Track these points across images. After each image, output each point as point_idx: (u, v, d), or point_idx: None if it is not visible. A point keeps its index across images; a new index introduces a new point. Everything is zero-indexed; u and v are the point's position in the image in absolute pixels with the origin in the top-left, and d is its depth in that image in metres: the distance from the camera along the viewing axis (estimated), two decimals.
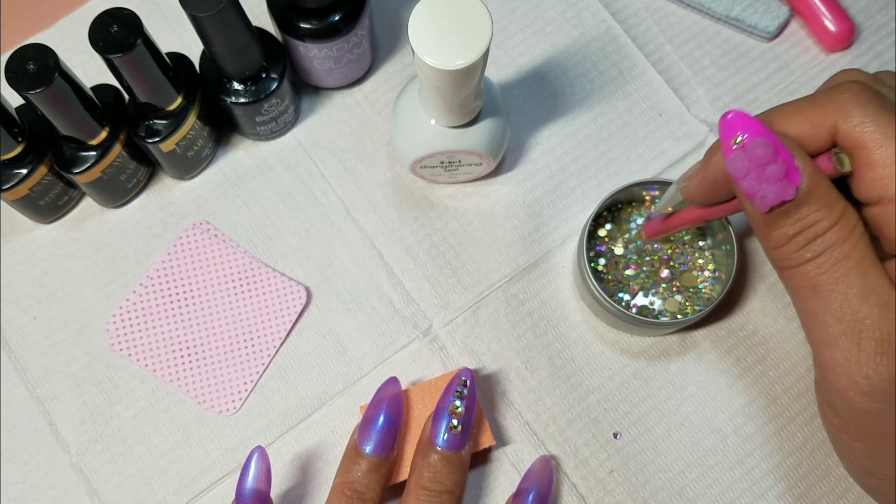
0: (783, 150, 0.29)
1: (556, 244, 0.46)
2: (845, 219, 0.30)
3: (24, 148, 0.41)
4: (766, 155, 0.29)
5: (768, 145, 0.29)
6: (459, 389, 0.39)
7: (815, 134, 0.30)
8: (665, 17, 0.50)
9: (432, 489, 0.38)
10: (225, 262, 0.46)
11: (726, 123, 0.30)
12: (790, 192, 0.29)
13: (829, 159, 0.31)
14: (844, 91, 0.30)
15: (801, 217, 0.30)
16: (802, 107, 0.31)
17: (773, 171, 0.29)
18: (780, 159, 0.29)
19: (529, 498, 0.40)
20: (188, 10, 0.37)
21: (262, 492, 0.38)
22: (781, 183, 0.29)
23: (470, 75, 0.35)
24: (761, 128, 0.29)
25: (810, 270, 0.30)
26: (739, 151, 0.29)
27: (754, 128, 0.29)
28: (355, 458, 0.39)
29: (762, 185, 0.29)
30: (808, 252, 0.30)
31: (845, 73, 0.34)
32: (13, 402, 0.44)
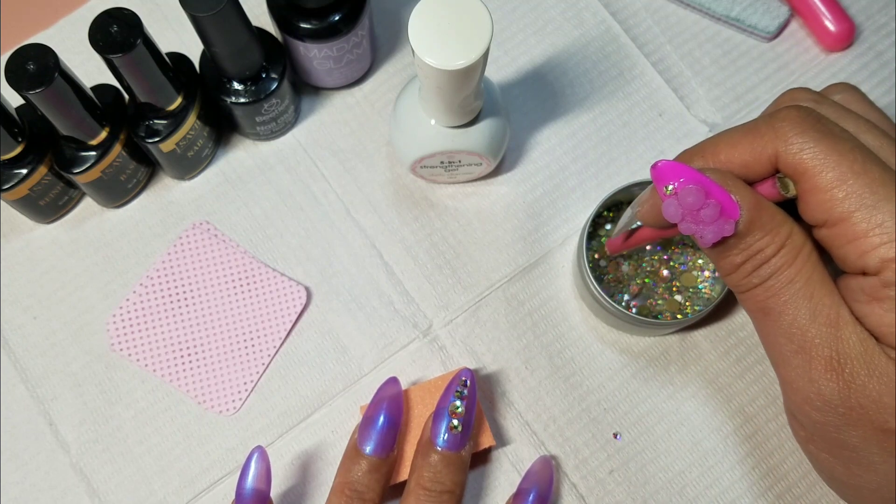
0: (717, 189, 0.30)
1: (556, 244, 0.46)
2: (790, 243, 0.31)
3: (24, 148, 0.41)
4: (696, 201, 0.29)
5: (698, 192, 0.29)
6: (459, 389, 0.39)
7: (758, 161, 0.31)
8: (665, 17, 0.50)
9: (433, 489, 0.38)
10: (225, 262, 0.46)
11: (657, 173, 0.30)
12: (728, 229, 0.30)
13: (773, 185, 0.31)
14: (783, 118, 0.31)
15: (745, 246, 0.31)
16: (743, 135, 0.31)
17: (707, 214, 0.30)
18: (714, 200, 0.30)
19: (530, 498, 0.40)
20: (188, 10, 0.37)
21: (261, 492, 0.38)
22: (718, 222, 0.30)
23: (470, 75, 0.35)
24: (691, 173, 0.30)
25: (759, 294, 0.31)
26: (672, 199, 0.30)
27: (684, 174, 0.30)
28: (355, 458, 0.39)
29: (699, 226, 0.30)
30: (756, 278, 0.31)
31: (790, 95, 0.34)
32: (13, 402, 0.44)
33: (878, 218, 0.29)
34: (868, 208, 0.29)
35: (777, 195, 0.31)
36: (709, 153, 0.32)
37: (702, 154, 0.32)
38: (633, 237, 0.40)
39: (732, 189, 0.30)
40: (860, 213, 0.29)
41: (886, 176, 0.29)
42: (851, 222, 0.29)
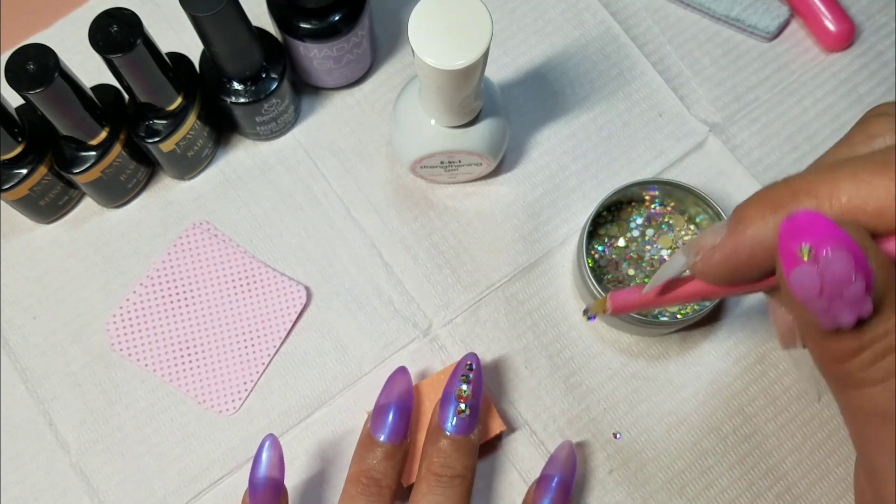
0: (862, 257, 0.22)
1: (556, 244, 0.46)
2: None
3: (24, 148, 0.41)
4: (846, 275, 0.22)
5: (848, 261, 0.22)
6: (465, 374, 0.39)
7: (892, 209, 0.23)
8: (665, 17, 0.50)
9: (443, 474, 0.38)
10: (225, 262, 0.46)
11: (792, 226, 0.23)
12: (867, 309, 0.23)
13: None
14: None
15: (871, 328, 0.23)
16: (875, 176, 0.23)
17: (853, 292, 0.22)
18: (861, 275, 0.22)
19: (552, 484, 0.40)
20: (188, 10, 0.37)
21: (275, 479, 0.38)
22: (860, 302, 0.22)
23: (470, 75, 0.35)
24: (839, 233, 0.22)
25: (879, 395, 0.24)
26: (811, 267, 0.22)
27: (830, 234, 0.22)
28: (370, 447, 0.39)
29: (836, 306, 0.23)
30: (878, 371, 0.24)
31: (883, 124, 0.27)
32: (13, 402, 0.44)
33: None
34: None
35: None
36: (826, 192, 0.24)
37: (814, 193, 0.24)
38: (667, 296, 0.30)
39: (870, 251, 0.23)
40: None
41: None
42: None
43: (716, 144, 0.48)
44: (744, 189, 0.47)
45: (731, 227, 0.26)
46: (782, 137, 0.48)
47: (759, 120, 0.48)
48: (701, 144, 0.48)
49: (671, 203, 0.45)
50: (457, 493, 0.38)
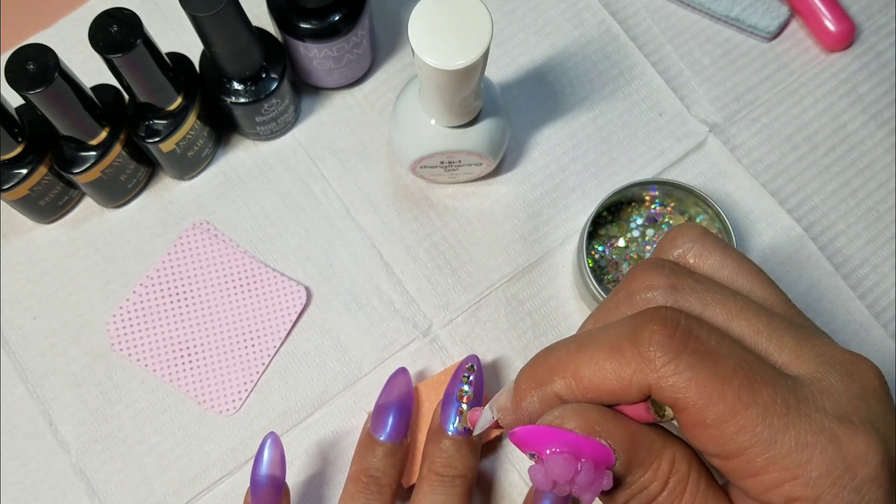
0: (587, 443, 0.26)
1: (556, 244, 0.46)
2: (675, 475, 0.27)
3: (24, 148, 0.41)
4: (566, 471, 0.26)
5: (567, 461, 0.26)
6: (466, 374, 0.39)
7: (626, 391, 0.26)
8: (665, 17, 0.50)
9: (445, 474, 0.38)
10: (225, 262, 0.46)
11: (517, 440, 0.27)
12: (607, 483, 0.26)
13: (647, 409, 0.27)
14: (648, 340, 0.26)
15: (627, 486, 0.27)
16: (607, 357, 0.27)
17: (582, 479, 0.26)
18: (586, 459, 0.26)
19: None
20: (188, 10, 0.37)
21: (276, 478, 0.38)
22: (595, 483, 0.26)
23: (470, 75, 0.35)
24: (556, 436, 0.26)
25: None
26: (539, 466, 0.26)
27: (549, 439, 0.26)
28: (370, 446, 0.39)
29: (574, 489, 0.26)
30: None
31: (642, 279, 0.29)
32: (13, 402, 0.44)
33: (777, 452, 0.25)
34: (764, 443, 0.25)
35: (652, 419, 0.27)
36: (570, 373, 0.27)
37: (563, 374, 0.28)
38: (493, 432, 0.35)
39: (602, 434, 0.26)
40: (756, 448, 0.25)
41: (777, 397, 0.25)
42: (748, 458, 0.25)
43: (716, 144, 0.48)
44: (744, 189, 0.47)
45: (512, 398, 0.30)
46: (782, 137, 0.48)
47: (759, 120, 0.48)
48: (701, 144, 0.48)
49: (671, 203, 0.45)
50: (458, 493, 0.38)
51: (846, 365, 0.26)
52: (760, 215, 0.47)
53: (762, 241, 0.46)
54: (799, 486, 0.25)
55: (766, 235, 0.46)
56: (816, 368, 0.26)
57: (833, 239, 0.47)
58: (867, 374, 0.26)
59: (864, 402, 0.26)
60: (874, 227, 0.47)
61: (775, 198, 0.47)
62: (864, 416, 0.25)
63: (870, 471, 0.25)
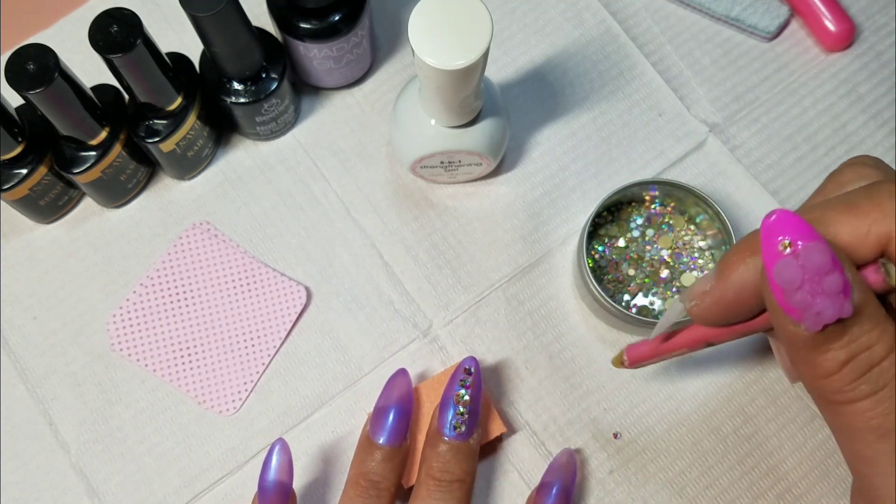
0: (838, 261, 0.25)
1: (556, 244, 0.46)
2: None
3: (24, 148, 0.41)
4: (824, 263, 0.24)
5: (826, 252, 0.24)
6: (463, 378, 0.39)
7: (861, 244, 0.26)
8: (665, 17, 0.50)
9: (442, 479, 0.38)
10: (225, 262, 0.46)
11: (770, 225, 0.25)
12: (848, 309, 0.24)
13: (878, 270, 0.26)
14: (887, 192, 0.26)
15: (852, 339, 0.25)
16: (843, 212, 0.26)
17: (832, 283, 0.24)
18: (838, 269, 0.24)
19: (553, 492, 0.40)
20: (188, 10, 0.37)
21: (284, 483, 0.38)
22: (839, 297, 0.24)
23: (470, 75, 0.35)
24: (812, 230, 0.25)
25: (869, 409, 0.25)
26: (791, 258, 0.24)
27: (805, 230, 0.25)
28: (369, 449, 0.39)
29: (816, 298, 0.24)
30: (866, 384, 0.25)
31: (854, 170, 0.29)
32: (13, 402, 0.44)
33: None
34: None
35: (881, 283, 0.26)
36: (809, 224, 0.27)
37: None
38: (672, 342, 0.33)
39: (847, 265, 0.25)
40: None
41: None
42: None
43: (716, 144, 0.48)
44: (744, 189, 0.47)
45: (717, 273, 0.28)
46: (782, 137, 0.48)
47: (759, 120, 0.48)
48: (701, 144, 0.48)
49: (671, 203, 0.45)
50: (456, 498, 0.38)
51: None
52: (760, 215, 0.47)
53: None
54: None
55: None
56: None
57: None
58: None
59: None
60: None
61: (775, 198, 0.47)
62: None
63: None
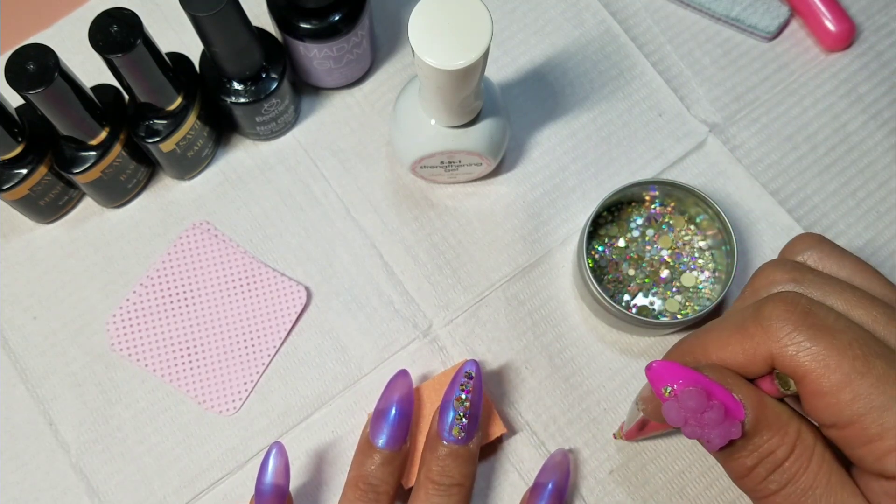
0: (719, 390, 0.28)
1: (556, 244, 0.46)
2: (801, 443, 0.29)
3: (24, 148, 0.41)
4: (699, 404, 0.28)
5: (699, 394, 0.28)
6: (464, 382, 0.39)
7: (752, 362, 0.29)
8: (665, 17, 0.50)
9: (441, 483, 0.38)
10: (225, 262, 0.46)
11: (653, 375, 0.29)
12: (735, 431, 0.28)
13: (772, 382, 0.30)
14: (772, 315, 0.29)
15: (754, 447, 0.29)
16: (731, 335, 0.30)
17: (712, 417, 0.28)
18: (717, 401, 0.28)
19: (546, 492, 0.40)
20: (188, 10, 0.37)
21: (280, 487, 0.38)
22: (724, 425, 0.28)
23: (470, 75, 0.35)
24: (689, 374, 0.28)
25: (780, 502, 0.29)
26: (672, 402, 0.28)
27: (681, 375, 0.28)
28: (368, 452, 0.39)
29: (704, 429, 0.28)
30: (773, 484, 0.29)
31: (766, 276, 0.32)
32: (13, 402, 0.44)
33: (890, 419, 0.27)
34: (878, 410, 0.27)
35: (777, 392, 0.30)
36: (699, 353, 0.31)
37: (692, 354, 0.31)
38: (649, 426, 0.39)
39: (733, 388, 0.29)
40: (871, 415, 0.27)
41: (891, 368, 0.27)
42: (863, 425, 0.27)
43: (716, 144, 0.48)
44: (744, 189, 0.47)
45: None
46: (782, 137, 0.48)
47: (759, 120, 0.48)
48: (701, 144, 0.48)
49: (671, 203, 0.45)
50: (455, 502, 0.38)
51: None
52: (760, 215, 0.47)
53: (762, 241, 0.46)
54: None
55: (766, 235, 0.46)
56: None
57: (833, 239, 0.47)
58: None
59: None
60: (874, 227, 0.47)
61: (775, 198, 0.47)
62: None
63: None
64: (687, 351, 0.31)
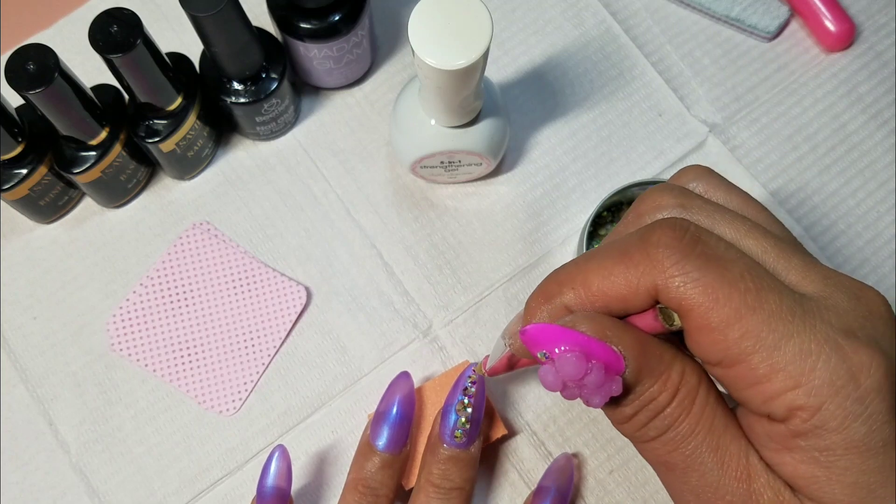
0: (598, 346, 0.26)
1: (556, 244, 0.46)
2: (685, 386, 0.27)
3: (24, 148, 0.41)
4: (577, 370, 0.26)
5: (578, 359, 0.26)
6: (467, 387, 0.39)
7: (634, 294, 0.27)
8: (665, 17, 0.50)
9: (442, 486, 0.38)
10: (225, 262, 0.46)
11: (527, 339, 0.27)
12: (616, 389, 0.26)
13: (655, 317, 0.27)
14: (658, 242, 0.26)
15: (636, 397, 0.27)
16: (615, 264, 0.27)
17: (592, 380, 0.26)
18: (596, 362, 0.26)
19: (549, 496, 0.40)
20: (188, 10, 0.37)
21: (282, 489, 0.38)
22: (604, 386, 0.26)
23: (470, 75, 0.35)
24: (567, 336, 0.26)
25: (658, 448, 0.28)
26: (549, 366, 0.26)
27: (560, 339, 0.26)
28: (368, 455, 0.39)
29: (583, 391, 0.26)
30: (652, 430, 0.27)
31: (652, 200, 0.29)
32: (13, 402, 0.44)
33: (780, 359, 0.25)
34: (768, 349, 0.25)
35: (661, 329, 0.27)
36: (579, 282, 0.28)
37: (572, 284, 0.28)
38: (519, 363, 0.36)
39: (613, 339, 0.26)
40: (759, 354, 0.25)
41: (783, 304, 0.25)
42: (750, 365, 0.25)
43: (716, 144, 0.48)
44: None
45: (524, 316, 0.30)
46: (782, 137, 0.48)
47: (759, 120, 0.48)
48: (701, 144, 0.48)
49: None
50: None
51: (853, 289, 0.26)
52: None
53: None
54: (801, 395, 0.25)
55: None
56: (824, 288, 0.26)
57: (833, 239, 0.47)
58: (874, 299, 0.27)
59: (869, 322, 0.26)
60: (874, 227, 0.47)
61: (775, 198, 0.47)
62: (869, 334, 0.25)
63: (873, 382, 0.25)
64: (566, 280, 0.28)
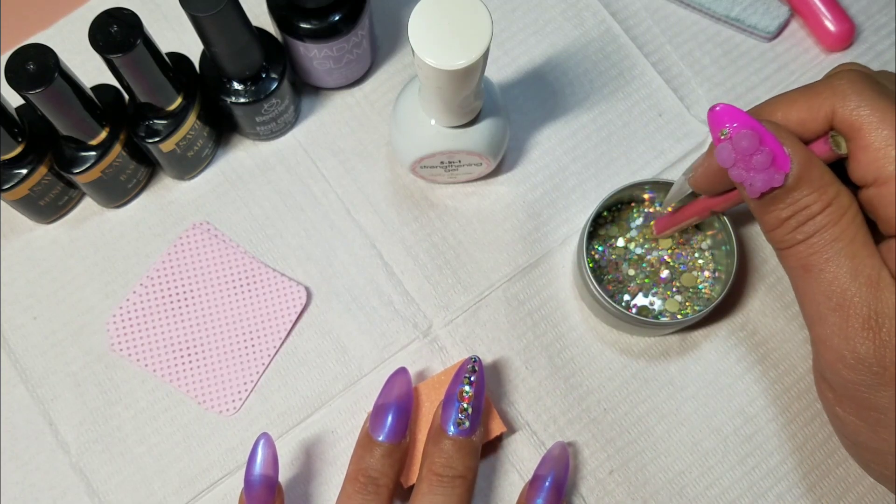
0: (770, 138, 0.30)
1: (556, 244, 0.46)
2: (837, 202, 0.31)
3: (24, 148, 0.41)
4: (750, 146, 0.30)
5: (752, 136, 0.30)
6: (468, 375, 0.39)
7: (813, 119, 0.32)
8: (665, 17, 0.50)
9: (445, 475, 0.38)
10: (225, 262, 0.46)
11: (714, 116, 0.31)
12: (778, 180, 0.30)
13: (826, 142, 0.32)
14: (842, 77, 0.31)
15: (792, 201, 0.31)
16: (800, 94, 0.32)
17: (760, 161, 0.30)
18: (767, 148, 0.30)
19: (546, 484, 0.40)
20: (188, 10, 0.37)
21: (270, 477, 0.38)
22: (769, 171, 0.30)
23: (470, 75, 0.35)
24: (747, 119, 0.31)
25: (802, 251, 0.32)
26: (727, 142, 0.31)
27: (740, 119, 0.31)
28: (368, 446, 0.39)
29: (750, 173, 0.31)
30: (800, 234, 0.32)
31: (845, 64, 0.35)
32: (13, 402, 0.44)
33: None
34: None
35: (829, 153, 0.32)
36: (765, 112, 0.33)
37: (758, 113, 0.33)
38: (681, 212, 0.40)
39: (786, 141, 0.31)
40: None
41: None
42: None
43: None
44: None
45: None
46: None
47: None
48: (701, 144, 0.48)
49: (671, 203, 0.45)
50: (458, 494, 0.38)
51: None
52: None
53: (762, 241, 0.46)
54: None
55: None
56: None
57: None
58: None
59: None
60: None
61: None
62: None
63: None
64: (754, 111, 0.34)
